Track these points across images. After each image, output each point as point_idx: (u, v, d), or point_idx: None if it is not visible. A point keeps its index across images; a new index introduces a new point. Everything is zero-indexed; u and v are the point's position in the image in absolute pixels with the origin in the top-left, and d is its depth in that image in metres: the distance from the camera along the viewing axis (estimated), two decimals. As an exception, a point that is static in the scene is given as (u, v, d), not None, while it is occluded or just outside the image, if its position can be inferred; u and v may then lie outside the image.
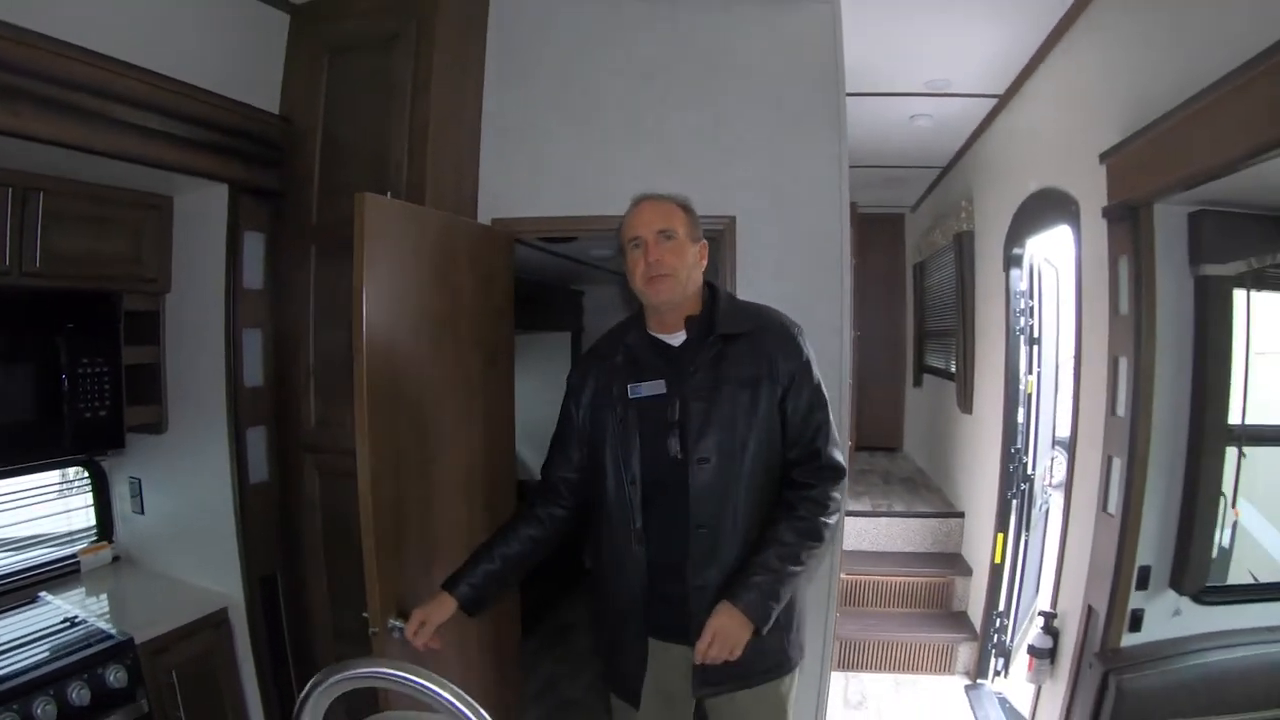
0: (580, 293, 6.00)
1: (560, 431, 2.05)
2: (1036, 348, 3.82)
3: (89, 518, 2.96)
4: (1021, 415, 3.82)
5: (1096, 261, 2.76)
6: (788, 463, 1.86)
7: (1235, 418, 2.66)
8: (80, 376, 2.48)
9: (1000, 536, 3.82)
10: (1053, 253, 3.83)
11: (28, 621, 2.37)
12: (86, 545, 2.90)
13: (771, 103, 2.75)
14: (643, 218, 1.88)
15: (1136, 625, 2.63)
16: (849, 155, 2.77)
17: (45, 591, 2.60)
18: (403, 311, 2.20)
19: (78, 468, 2.91)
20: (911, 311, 6.53)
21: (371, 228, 2.09)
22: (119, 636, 2.28)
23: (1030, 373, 3.81)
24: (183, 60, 2.38)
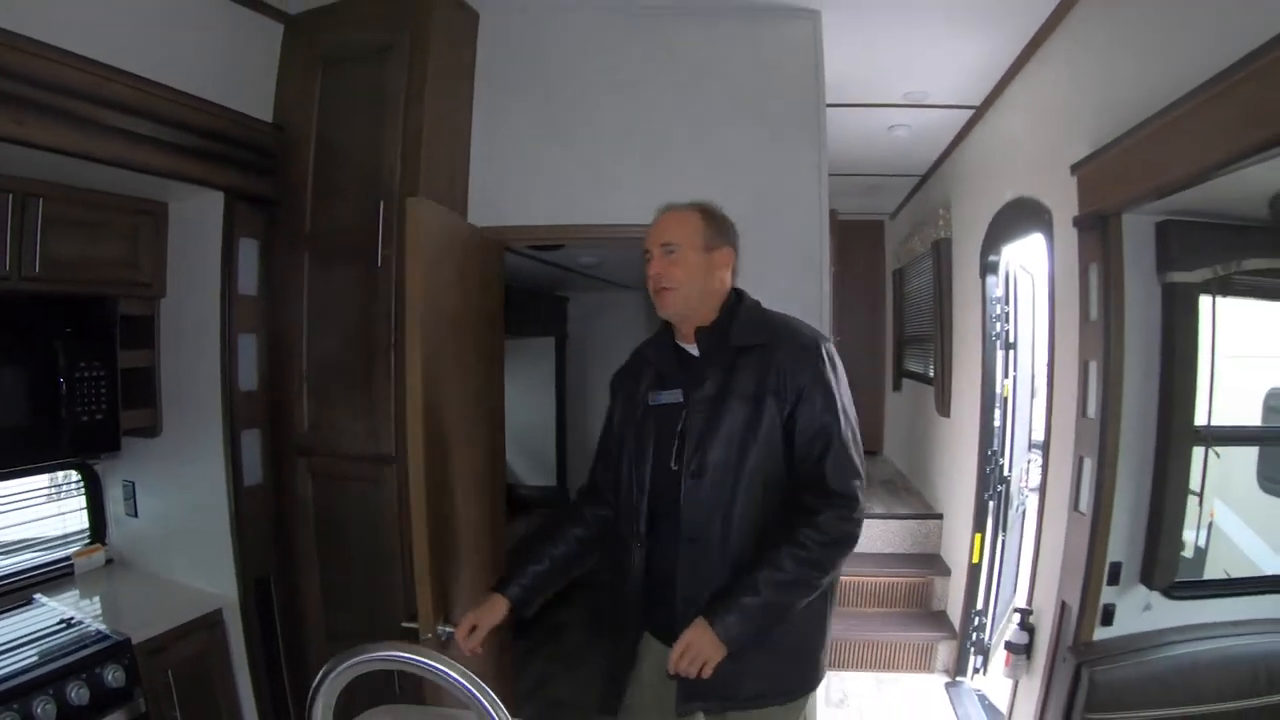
0: (565, 299, 6.07)
1: (603, 433, 2.08)
2: (1012, 352, 3.93)
3: (82, 521, 2.98)
4: (998, 418, 3.93)
5: (1068, 269, 2.86)
6: (796, 483, 1.79)
7: (1210, 419, 2.74)
8: (77, 380, 2.52)
9: (978, 537, 3.92)
10: (1028, 260, 3.93)
11: (25, 623, 2.40)
12: (80, 548, 2.92)
13: (754, 114, 2.84)
14: (653, 230, 1.90)
15: (1108, 620, 2.71)
16: (829, 164, 2.87)
17: (40, 594, 2.63)
18: (437, 316, 2.27)
19: (70, 471, 2.93)
20: (891, 317, 6.62)
21: (416, 233, 2.17)
22: (116, 637, 2.31)
23: (1006, 377, 3.91)
24: (178, 68, 2.43)
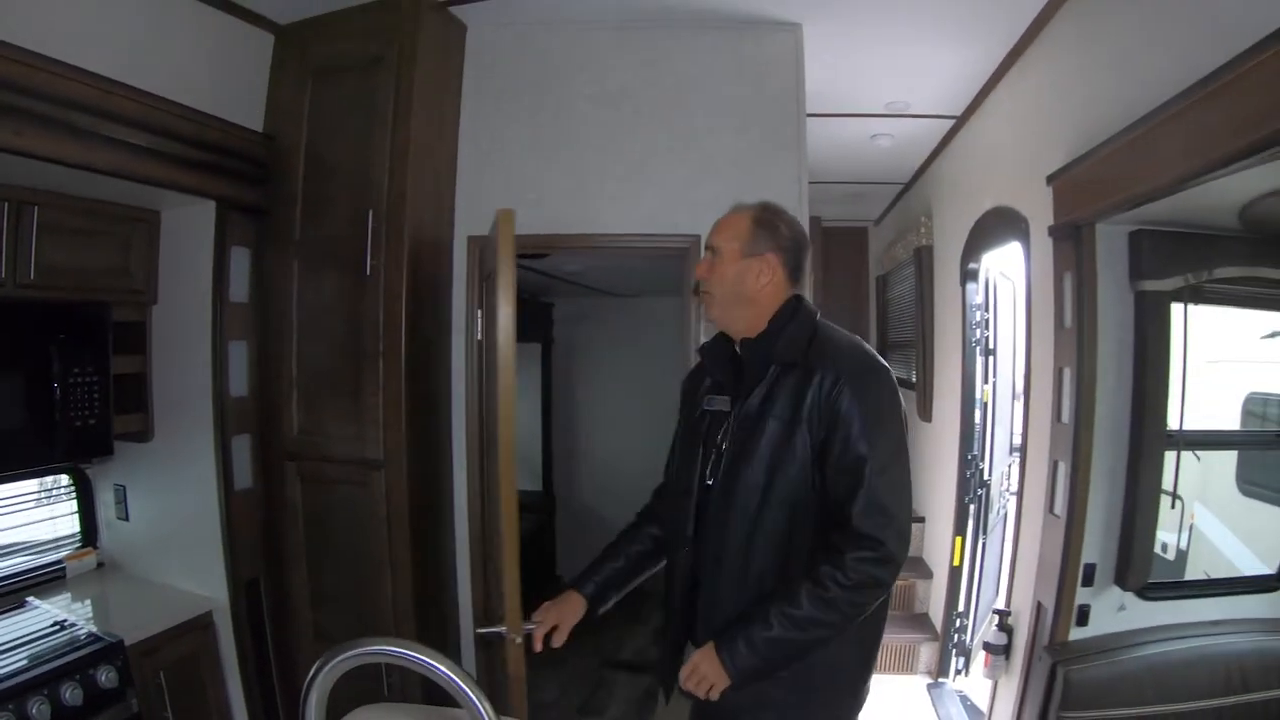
0: (550, 305, 6.16)
1: (675, 431, 2.07)
2: (992, 358, 4.02)
3: (73, 525, 3.03)
4: (978, 423, 4.02)
5: (1044, 277, 2.94)
6: (829, 517, 1.69)
7: (1182, 423, 2.81)
8: (71, 385, 2.58)
9: (959, 540, 4.01)
10: (1008, 267, 4.01)
11: (18, 625, 2.45)
12: (71, 552, 2.97)
13: (736, 125, 2.93)
14: (710, 230, 1.89)
15: (1083, 620, 2.78)
16: (813, 172, 2.95)
17: (33, 596, 2.68)
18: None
19: (61, 475, 2.98)
20: (875, 323, 6.67)
21: (508, 245, 2.29)
22: (109, 639, 2.37)
23: (986, 382, 4.00)
24: (171, 79, 2.49)
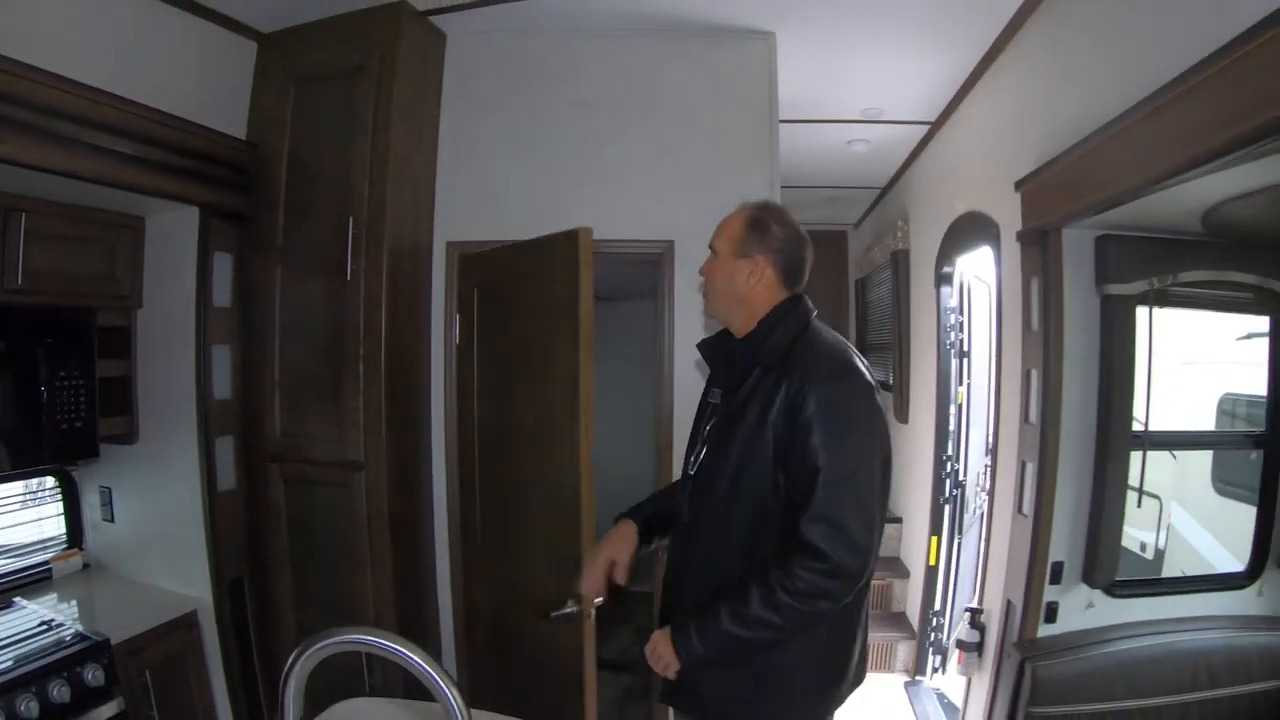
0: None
1: None
2: (967, 360, 4.11)
3: (59, 526, 3.08)
4: (953, 425, 4.11)
5: (1013, 281, 3.03)
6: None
7: (1148, 424, 2.88)
8: (57, 389, 2.64)
9: (934, 540, 4.10)
10: (982, 271, 4.08)
11: (6, 625, 2.51)
12: (57, 553, 3.03)
13: (710, 132, 3.02)
14: None
15: (1052, 617, 2.86)
16: (791, 176, 3.03)
17: (20, 597, 2.74)
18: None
19: (46, 477, 3.03)
20: (854, 325, 6.78)
21: (588, 259, 2.40)
22: (95, 638, 2.44)
23: (961, 384, 4.09)
24: (155, 86, 2.55)
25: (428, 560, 3.12)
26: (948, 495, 4.12)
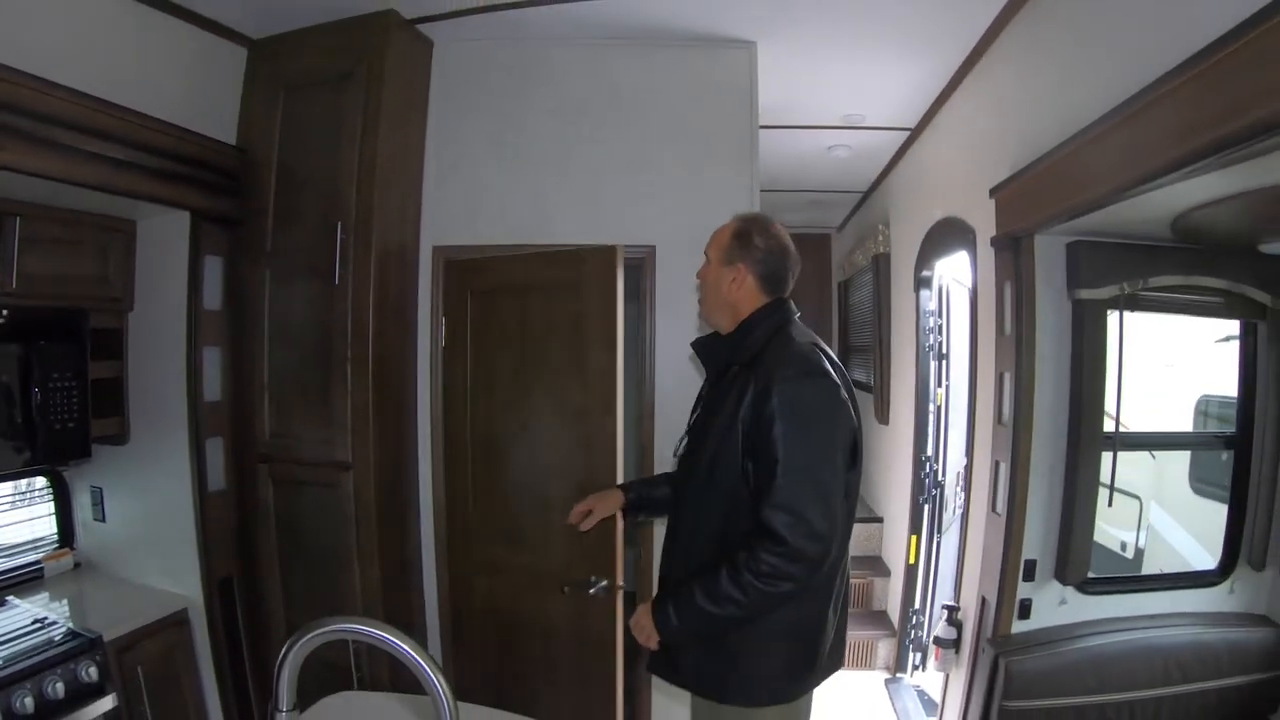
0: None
1: None
2: (945, 362, 4.20)
3: (50, 526, 3.14)
4: (932, 426, 4.21)
5: (988, 285, 3.13)
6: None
7: (1117, 425, 2.94)
8: (50, 390, 2.70)
9: (913, 539, 4.19)
10: (961, 274, 4.15)
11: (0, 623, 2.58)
12: (49, 552, 3.09)
13: (690, 139, 3.11)
14: None
15: (1025, 614, 2.95)
16: (774, 180, 3.11)
17: (12, 595, 2.81)
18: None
19: (38, 477, 3.09)
20: (837, 327, 6.88)
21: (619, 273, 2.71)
22: (88, 635, 2.51)
23: (940, 386, 4.18)
24: (148, 93, 2.61)
25: (414, 558, 3.19)
26: (927, 495, 4.22)
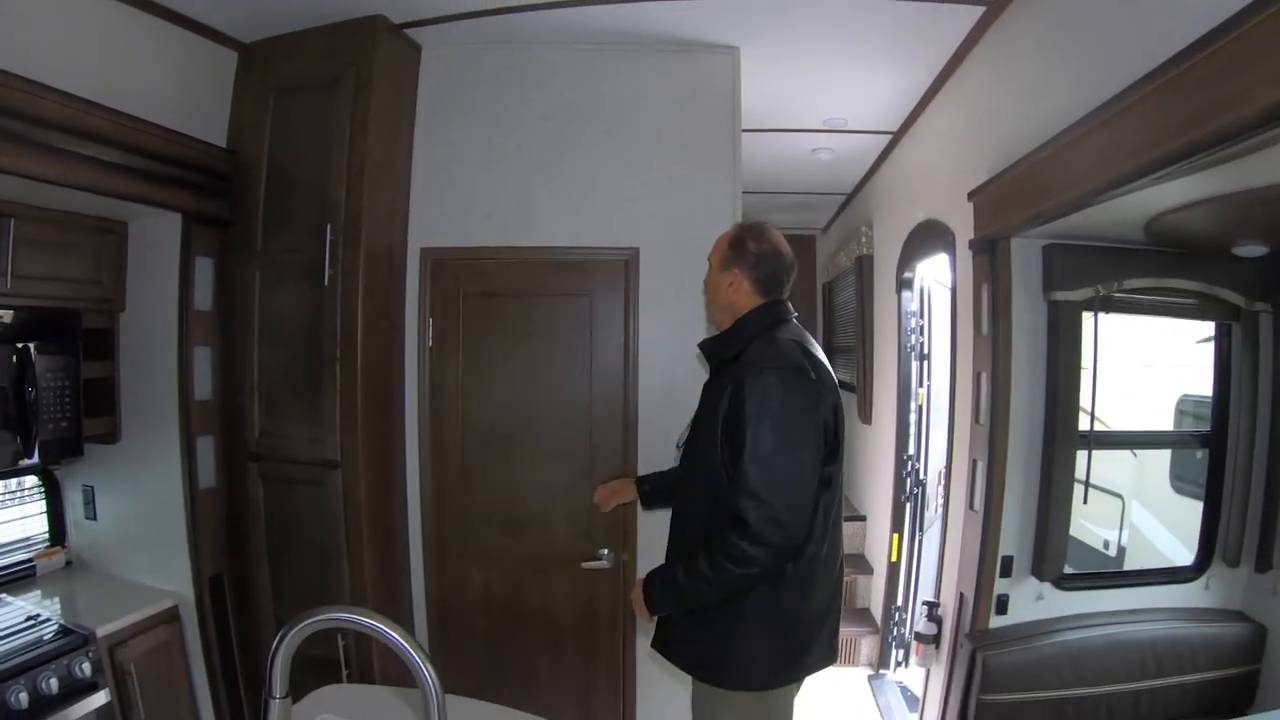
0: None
1: None
2: (927, 363, 4.30)
3: (41, 525, 3.20)
4: (913, 425, 4.30)
5: (966, 287, 3.22)
6: None
7: (1092, 424, 3.04)
8: (43, 390, 2.77)
9: (895, 537, 4.28)
10: (942, 276, 4.23)
11: (-7, 620, 2.65)
12: (40, 550, 3.15)
13: (674, 143, 3.19)
14: None
15: (1003, 609, 3.03)
16: (759, 181, 3.18)
17: (4, 593, 2.87)
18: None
19: (29, 476, 3.14)
20: (822, 328, 6.97)
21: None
22: (81, 631, 2.58)
23: (921, 386, 4.27)
24: (140, 96, 2.67)
25: (402, 555, 3.26)
26: (909, 493, 4.31)
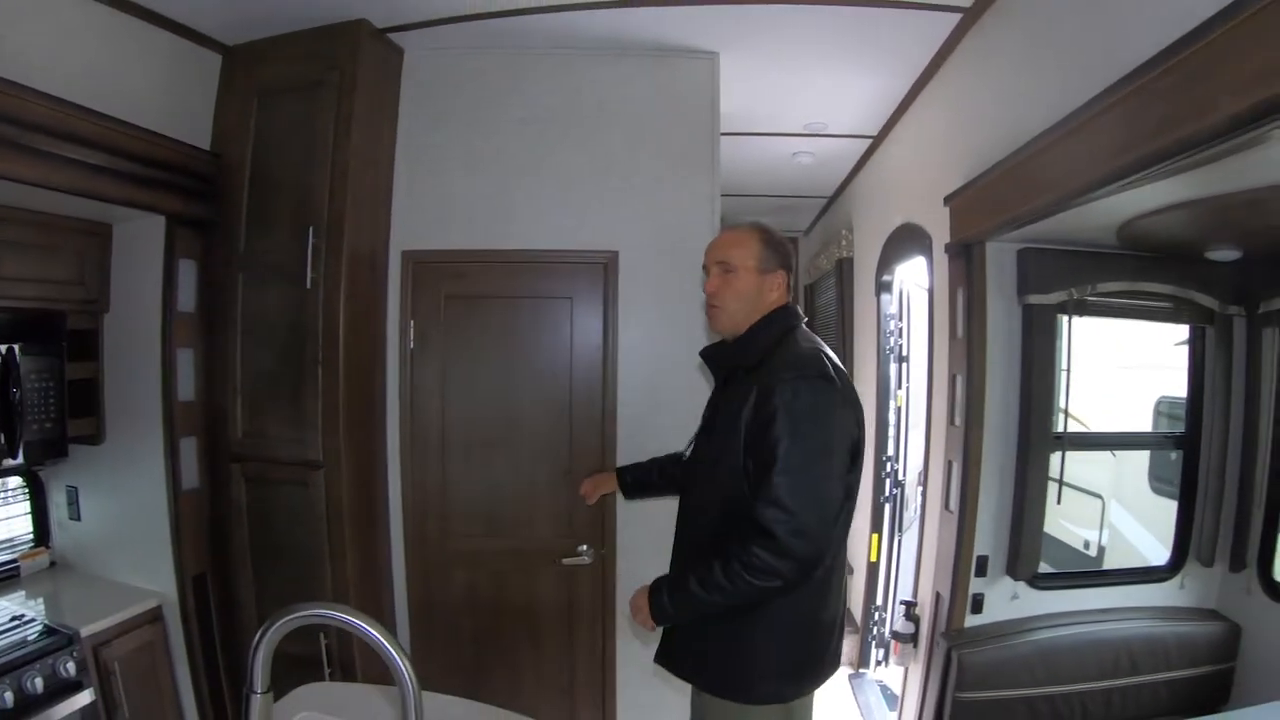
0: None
1: None
2: (906, 365, 4.37)
3: (26, 525, 3.23)
4: (893, 426, 4.36)
5: (943, 290, 3.29)
6: None
7: (1065, 425, 3.12)
8: (29, 391, 2.81)
9: (875, 537, 4.34)
10: (920, 279, 4.30)
11: (-23, 620, 2.68)
12: (25, 551, 3.18)
13: (654, 147, 3.25)
14: (712, 246, 2.18)
15: (978, 608, 3.09)
16: (740, 185, 3.23)
17: (-11, 593, 2.91)
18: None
19: (12, 477, 3.17)
20: (804, 330, 6.97)
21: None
22: (66, 631, 2.62)
23: (900, 387, 4.34)
24: (123, 99, 2.70)
25: (384, 555, 3.31)
26: (888, 494, 4.39)
